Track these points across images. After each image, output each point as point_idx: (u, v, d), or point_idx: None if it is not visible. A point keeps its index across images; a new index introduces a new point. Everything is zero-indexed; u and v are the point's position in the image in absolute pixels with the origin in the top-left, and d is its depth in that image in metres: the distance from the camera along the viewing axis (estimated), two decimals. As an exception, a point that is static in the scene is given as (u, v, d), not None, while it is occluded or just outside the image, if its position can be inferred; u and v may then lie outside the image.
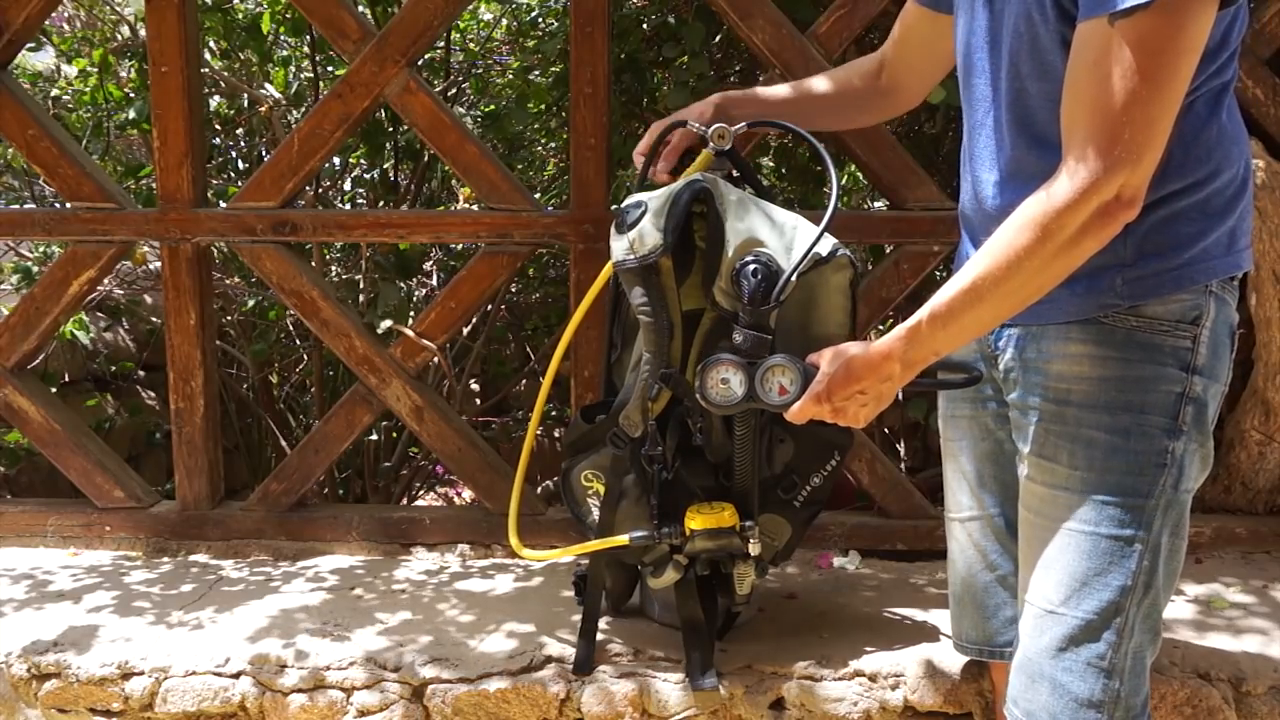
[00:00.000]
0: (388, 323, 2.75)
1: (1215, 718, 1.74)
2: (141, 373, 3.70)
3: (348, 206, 3.53)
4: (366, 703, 1.82)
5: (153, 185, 2.70)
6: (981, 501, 1.54)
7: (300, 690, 1.83)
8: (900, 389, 1.36)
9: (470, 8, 3.21)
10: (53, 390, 2.80)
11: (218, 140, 3.45)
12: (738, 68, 3.06)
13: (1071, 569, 1.30)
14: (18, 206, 3.38)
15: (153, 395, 3.75)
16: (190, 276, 2.31)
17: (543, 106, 3.32)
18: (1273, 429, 2.25)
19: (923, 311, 1.27)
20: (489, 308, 3.31)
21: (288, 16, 3.03)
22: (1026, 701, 1.34)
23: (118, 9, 3.40)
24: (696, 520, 1.66)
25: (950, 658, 1.80)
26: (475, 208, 2.81)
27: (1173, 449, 1.29)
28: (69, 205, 2.34)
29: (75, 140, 2.81)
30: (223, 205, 2.48)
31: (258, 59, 3.21)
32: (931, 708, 1.78)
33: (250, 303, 3.43)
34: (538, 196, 3.41)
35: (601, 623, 1.90)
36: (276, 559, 2.35)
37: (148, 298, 3.60)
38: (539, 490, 3.52)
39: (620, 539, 1.71)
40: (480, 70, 3.57)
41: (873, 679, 1.79)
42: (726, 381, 1.46)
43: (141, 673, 1.86)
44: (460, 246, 3.37)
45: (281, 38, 3.31)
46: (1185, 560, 2.20)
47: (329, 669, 1.84)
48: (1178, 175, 1.26)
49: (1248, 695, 1.75)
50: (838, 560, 2.27)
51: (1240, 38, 1.26)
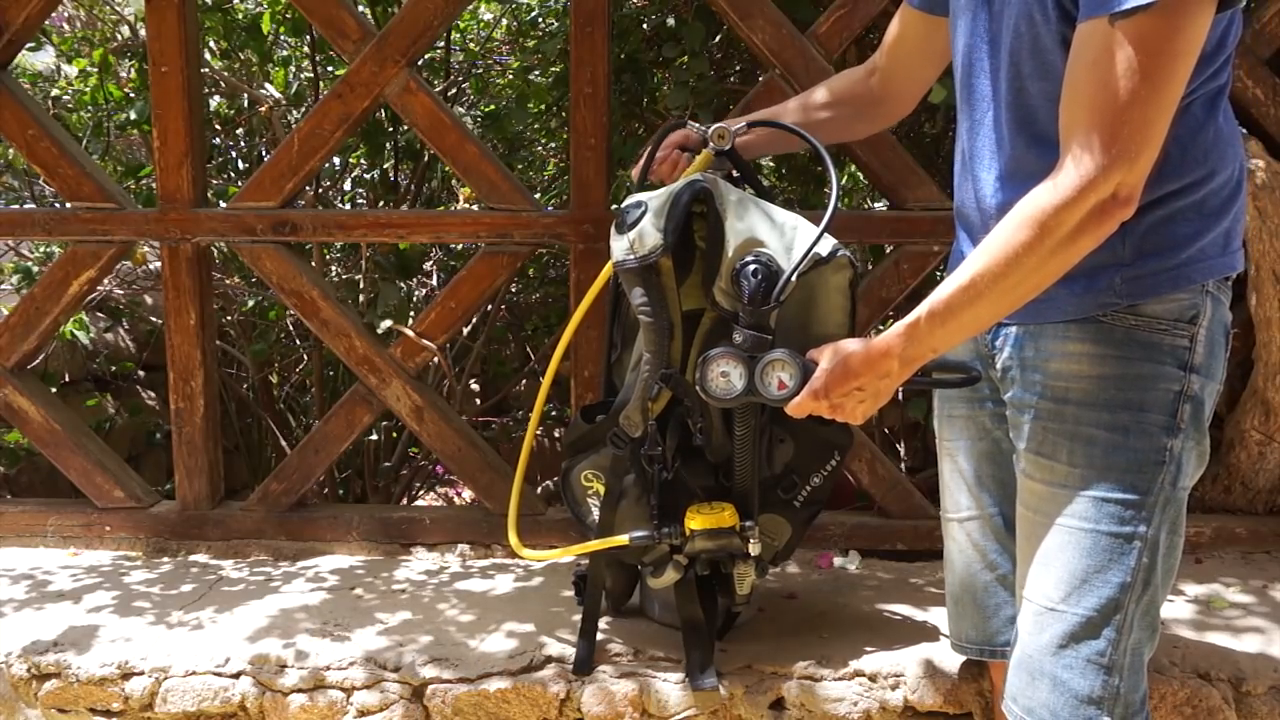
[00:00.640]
0: (388, 323, 2.75)
1: (1215, 718, 1.74)
2: (141, 373, 3.71)
3: (348, 206, 3.53)
4: (366, 703, 1.82)
5: (153, 185, 2.70)
6: (980, 501, 1.54)
7: (300, 690, 1.83)
8: (899, 387, 1.36)
9: (470, 8, 3.21)
10: (53, 390, 2.80)
11: (218, 140, 3.45)
12: (738, 68, 3.06)
13: (1071, 566, 1.31)
14: (18, 206, 3.38)
15: (153, 395, 3.75)
16: (190, 276, 2.31)
17: (543, 106, 3.32)
18: (1273, 429, 2.25)
19: (921, 309, 1.27)
20: (489, 308, 3.31)
21: (288, 16, 3.03)
22: (1026, 699, 1.35)
23: (118, 9, 3.41)
24: (696, 520, 1.66)
25: (950, 657, 1.80)
26: (475, 208, 2.81)
27: (1171, 447, 1.30)
28: (69, 205, 2.34)
29: (75, 140, 2.81)
30: (223, 205, 2.49)
31: (258, 59, 3.21)
32: (931, 708, 1.78)
33: (250, 303, 3.43)
34: (538, 196, 3.41)
35: (601, 623, 1.90)
36: (276, 559, 2.35)
37: (148, 298, 3.60)
38: (539, 490, 3.52)
39: (620, 539, 1.71)
40: (480, 70, 3.57)
41: (873, 679, 1.79)
42: (727, 375, 1.46)
43: (141, 673, 1.86)
44: (460, 246, 3.37)
45: (281, 38, 3.31)
46: (1185, 560, 2.20)
47: (329, 669, 1.84)
48: (1175, 176, 1.26)
49: (1248, 695, 1.75)
50: (838, 560, 2.27)
51: (1236, 42, 1.27)
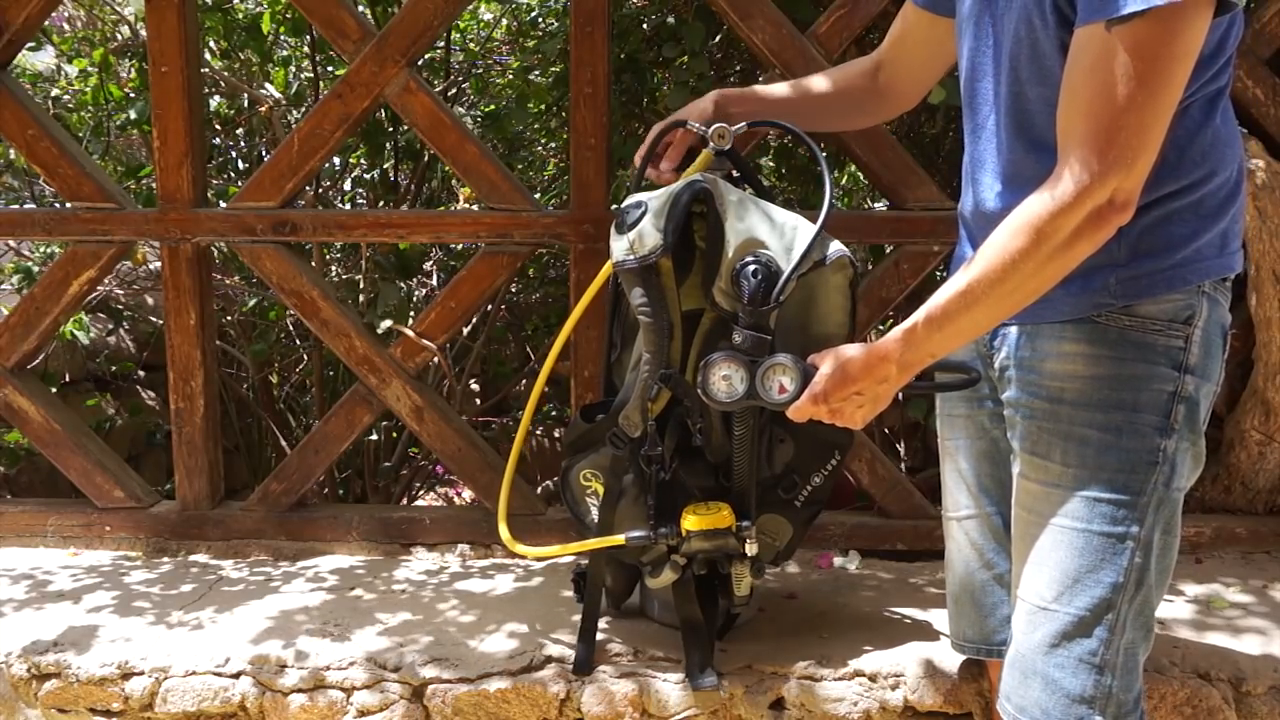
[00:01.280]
0: (388, 323, 2.75)
1: (1215, 718, 1.74)
2: (141, 373, 3.71)
3: (348, 206, 3.53)
4: (366, 703, 1.82)
5: (153, 185, 2.70)
6: (978, 501, 1.55)
7: (300, 690, 1.83)
8: (899, 391, 1.36)
9: (470, 8, 3.21)
10: (53, 390, 2.80)
11: (218, 140, 3.45)
12: (738, 68, 3.06)
13: (1064, 566, 1.31)
14: (18, 206, 3.38)
15: (153, 395, 3.76)
16: (190, 276, 2.31)
17: (543, 106, 3.32)
18: (1273, 429, 2.25)
19: (919, 314, 1.28)
20: (489, 308, 3.31)
21: (288, 16, 3.03)
22: (1019, 698, 1.35)
23: (118, 9, 3.41)
24: (692, 520, 1.66)
25: (950, 657, 1.80)
26: (475, 208, 2.81)
27: (1165, 447, 1.30)
28: (69, 205, 2.34)
29: (75, 140, 2.81)
30: (223, 205, 2.49)
31: (258, 59, 3.21)
32: (931, 707, 1.78)
33: (250, 303, 3.43)
34: (538, 196, 3.40)
35: (601, 622, 1.90)
36: (276, 559, 2.35)
37: (148, 298, 3.60)
38: (539, 490, 3.52)
39: (617, 539, 1.71)
40: (480, 70, 3.57)
41: (873, 679, 1.79)
42: (728, 378, 1.46)
43: (141, 673, 1.86)
44: (460, 246, 3.37)
45: (281, 38, 3.31)
46: (1185, 560, 2.21)
47: (329, 669, 1.84)
48: (1172, 178, 1.26)
49: (1248, 695, 1.75)
50: (838, 560, 2.27)
51: (1236, 44, 1.27)
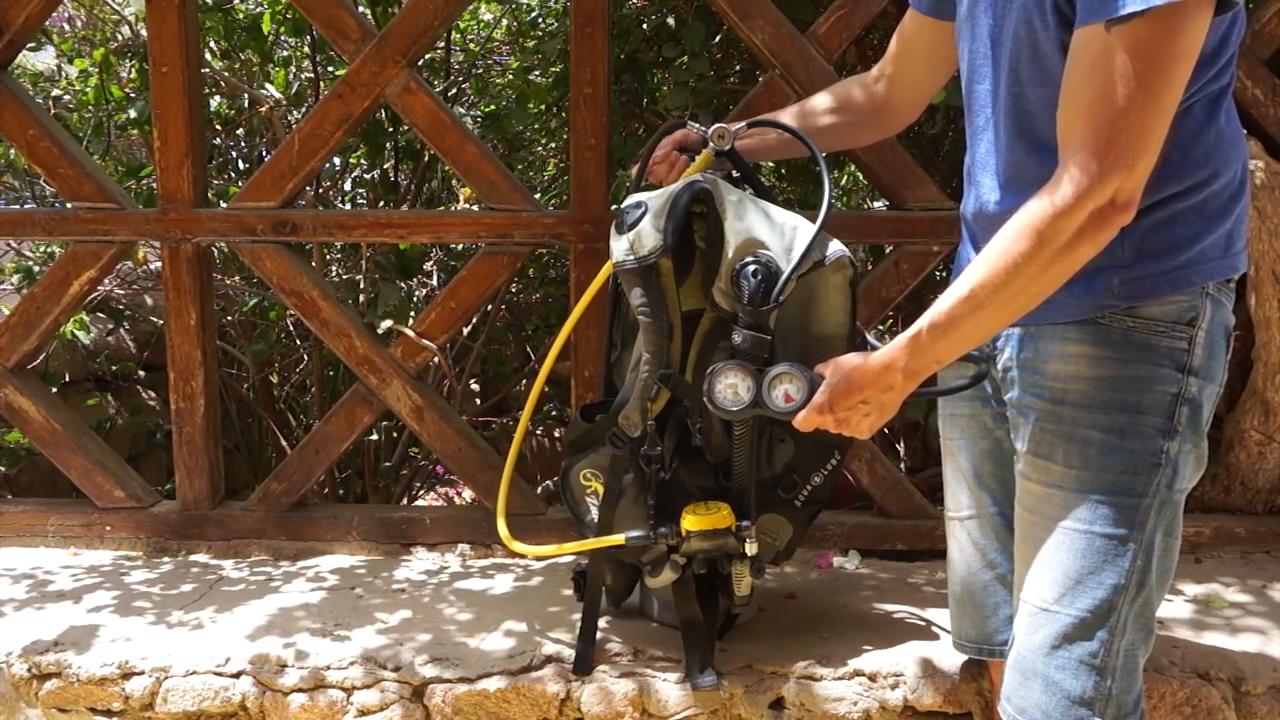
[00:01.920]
0: (388, 323, 2.75)
1: (1215, 717, 1.74)
2: (142, 373, 3.71)
3: (348, 206, 3.53)
4: (367, 702, 1.82)
5: (153, 185, 2.71)
6: (980, 500, 1.55)
7: (300, 690, 1.83)
8: (905, 399, 1.36)
9: (470, 8, 3.21)
10: (53, 390, 2.81)
11: (218, 140, 3.45)
12: (738, 68, 3.06)
13: (1065, 567, 1.31)
14: (18, 206, 3.38)
15: (153, 395, 3.75)
16: (190, 276, 2.31)
17: (543, 106, 3.32)
18: (1272, 429, 2.25)
19: (922, 321, 1.27)
20: (489, 308, 3.31)
21: (288, 16, 3.03)
22: (1019, 699, 1.35)
23: (118, 9, 3.40)
24: (691, 520, 1.66)
25: (950, 657, 1.80)
26: (475, 208, 2.81)
27: (1167, 449, 1.29)
28: (69, 205, 2.34)
29: (76, 140, 2.81)
30: (223, 205, 2.49)
31: (258, 59, 3.21)
32: (931, 707, 1.78)
33: (250, 303, 3.43)
34: (538, 196, 3.40)
35: (601, 622, 1.90)
36: (277, 559, 2.35)
37: (148, 298, 3.60)
38: (539, 490, 3.52)
39: (616, 538, 1.71)
40: (480, 70, 3.57)
41: (872, 679, 1.79)
42: (735, 387, 1.46)
43: (142, 672, 1.86)
44: (460, 246, 3.37)
45: (282, 38, 3.31)
46: (1184, 560, 2.21)
47: (329, 669, 1.84)
48: (1175, 178, 1.26)
49: (1247, 695, 1.75)
50: (838, 560, 2.27)
51: (1239, 42, 1.26)
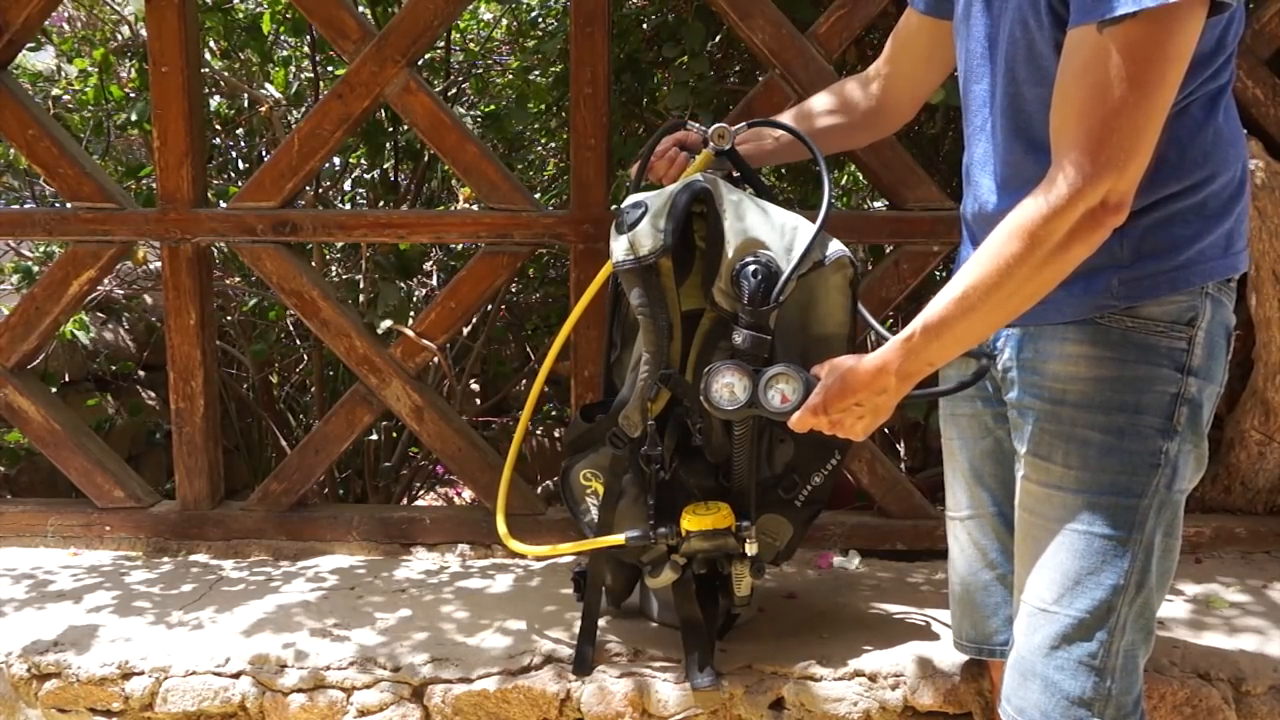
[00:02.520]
0: (388, 323, 2.75)
1: (1215, 718, 1.74)
2: (141, 373, 3.71)
3: (348, 206, 3.53)
4: (366, 702, 1.82)
5: (153, 185, 2.70)
6: (981, 500, 1.54)
7: (300, 690, 1.83)
8: (900, 400, 1.35)
9: (470, 8, 3.21)
10: (53, 390, 2.80)
11: (218, 140, 3.45)
12: (738, 68, 3.06)
13: (1064, 568, 1.31)
14: (18, 206, 3.38)
15: (153, 395, 3.75)
16: (190, 276, 2.31)
17: (543, 106, 3.32)
18: (1273, 429, 2.25)
19: (916, 323, 1.27)
20: (489, 308, 3.31)
21: (288, 16, 3.03)
22: (1019, 699, 1.35)
23: (118, 9, 3.40)
24: (691, 521, 1.66)
25: (950, 657, 1.80)
26: (475, 208, 2.81)
27: (1167, 449, 1.29)
28: (69, 205, 2.34)
29: (75, 140, 2.81)
30: (223, 205, 2.49)
31: (258, 59, 3.21)
32: (931, 707, 1.78)
33: (250, 303, 3.43)
34: (538, 196, 3.41)
35: (601, 622, 1.90)
36: (276, 559, 2.35)
37: (148, 297, 3.60)
38: (539, 490, 3.52)
39: (616, 538, 1.71)
40: (480, 70, 3.57)
41: (872, 679, 1.79)
42: (731, 387, 1.46)
43: (141, 672, 1.86)
44: (460, 246, 3.37)
45: (281, 38, 3.31)
46: (1185, 560, 2.21)
47: (329, 669, 1.84)
48: (1174, 178, 1.26)
49: (1247, 695, 1.75)
50: (838, 560, 2.27)
51: (1237, 40, 1.26)
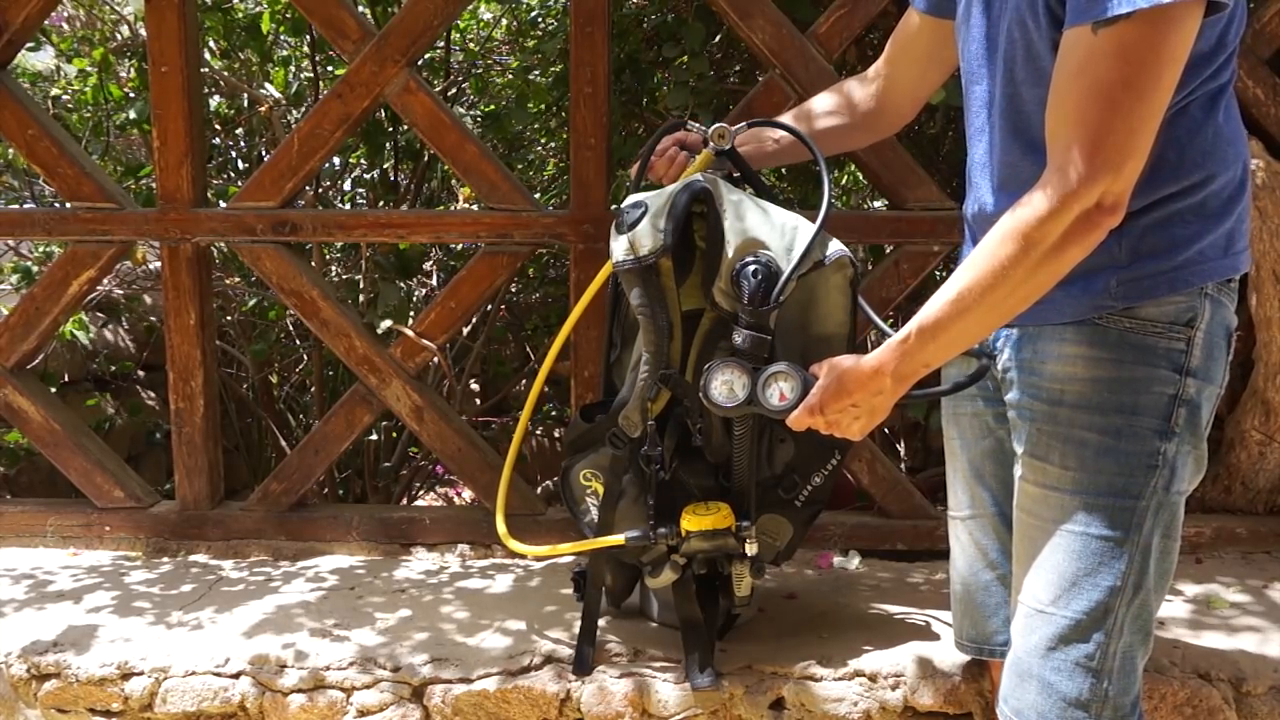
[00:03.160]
0: (388, 323, 2.75)
1: (1215, 718, 1.73)
2: (141, 373, 3.70)
3: (348, 206, 3.53)
4: (366, 702, 1.82)
5: (153, 185, 2.70)
6: (982, 500, 1.54)
7: (300, 690, 1.83)
8: (898, 401, 1.35)
9: (470, 8, 3.21)
10: (53, 390, 2.80)
11: (218, 140, 3.45)
12: (738, 68, 3.06)
13: (1061, 569, 1.31)
14: (18, 206, 3.38)
15: (153, 395, 3.75)
16: (190, 276, 2.31)
17: (543, 106, 3.32)
18: (1273, 429, 2.25)
19: (911, 324, 1.27)
20: (489, 308, 3.31)
21: (288, 16, 3.03)
22: (1016, 700, 1.35)
23: (118, 9, 3.40)
24: (691, 521, 1.66)
25: (950, 657, 1.80)
26: (475, 208, 2.81)
27: (1164, 450, 1.29)
28: (69, 205, 2.34)
29: (75, 140, 2.81)
30: (223, 205, 2.49)
31: (258, 59, 3.21)
32: (931, 708, 1.78)
33: (250, 303, 3.43)
34: (538, 196, 3.40)
35: (601, 623, 1.90)
36: (276, 559, 2.35)
37: (147, 297, 3.60)
38: (539, 490, 3.52)
39: (616, 538, 1.71)
40: (480, 70, 3.56)
41: (872, 679, 1.79)
42: (730, 384, 1.46)
43: (141, 673, 1.86)
44: (460, 246, 3.37)
45: (281, 38, 3.30)
46: (1185, 560, 2.20)
47: (329, 669, 1.84)
48: (1173, 178, 1.25)
49: (1248, 695, 1.75)
50: (838, 560, 2.27)
51: (1239, 39, 1.25)
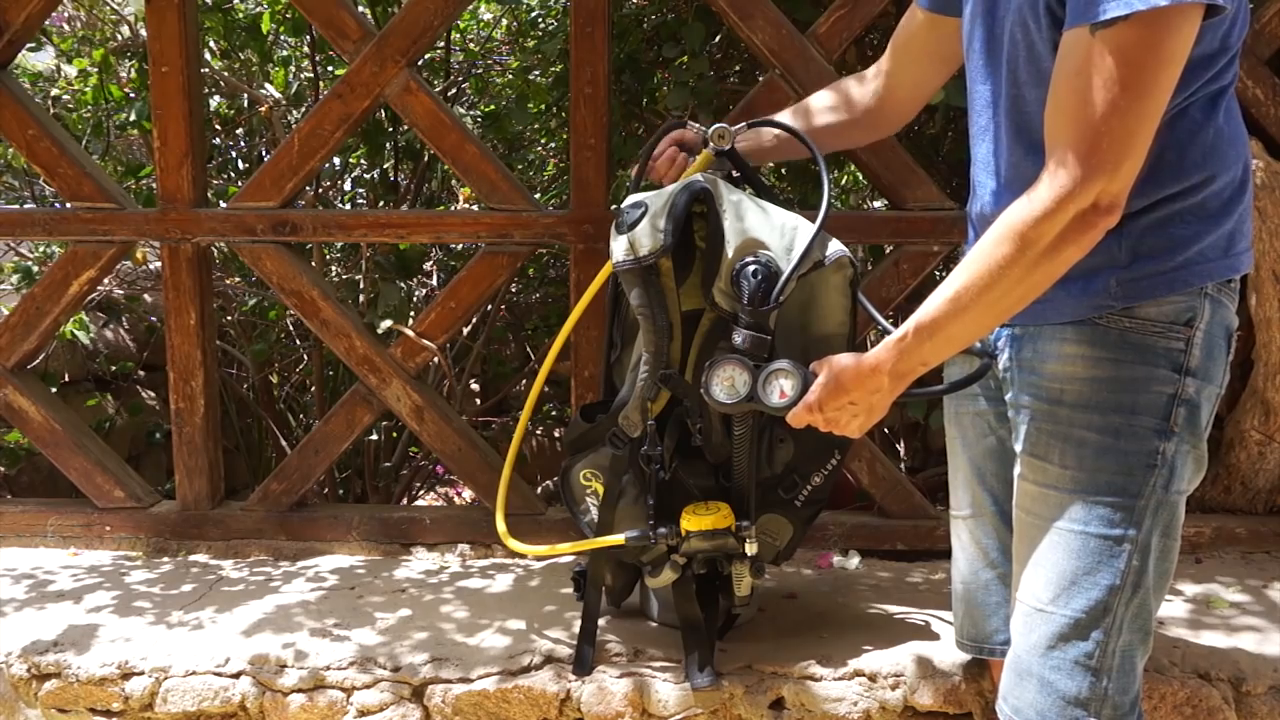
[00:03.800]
0: (388, 323, 2.75)
1: (1215, 718, 1.74)
2: (141, 373, 3.71)
3: (348, 206, 3.53)
4: (366, 702, 1.82)
5: (153, 185, 2.71)
6: (982, 499, 1.54)
7: (300, 690, 1.83)
8: (896, 400, 1.36)
9: (470, 8, 3.21)
10: (53, 390, 2.80)
11: (218, 140, 3.45)
12: (738, 68, 3.06)
13: (1060, 568, 1.31)
14: (18, 206, 3.38)
15: (153, 395, 3.75)
16: (190, 276, 2.31)
17: (543, 106, 3.32)
18: (1273, 429, 2.25)
19: (909, 323, 1.27)
20: (489, 308, 3.31)
21: (288, 16, 3.03)
22: (1015, 699, 1.35)
23: (118, 9, 3.40)
24: (691, 521, 1.66)
25: (950, 657, 1.80)
26: (475, 208, 2.81)
27: (1163, 450, 1.29)
28: (69, 205, 2.34)
29: (75, 140, 2.80)
30: (223, 205, 2.49)
31: (258, 59, 3.21)
32: (931, 707, 1.78)
33: (250, 303, 3.43)
34: (538, 196, 3.41)
35: (601, 622, 1.90)
36: (276, 559, 2.35)
37: (147, 297, 3.60)
38: (539, 490, 3.52)
39: (615, 538, 1.71)
40: (480, 70, 3.57)
41: (872, 679, 1.79)
42: (731, 380, 1.47)
43: (141, 673, 1.86)
44: (460, 246, 3.37)
45: (281, 38, 3.31)
46: (1185, 560, 2.20)
47: (329, 669, 1.84)
48: (1173, 179, 1.25)
49: (1248, 695, 1.75)
50: (838, 560, 2.27)
51: (1241, 40, 1.25)
